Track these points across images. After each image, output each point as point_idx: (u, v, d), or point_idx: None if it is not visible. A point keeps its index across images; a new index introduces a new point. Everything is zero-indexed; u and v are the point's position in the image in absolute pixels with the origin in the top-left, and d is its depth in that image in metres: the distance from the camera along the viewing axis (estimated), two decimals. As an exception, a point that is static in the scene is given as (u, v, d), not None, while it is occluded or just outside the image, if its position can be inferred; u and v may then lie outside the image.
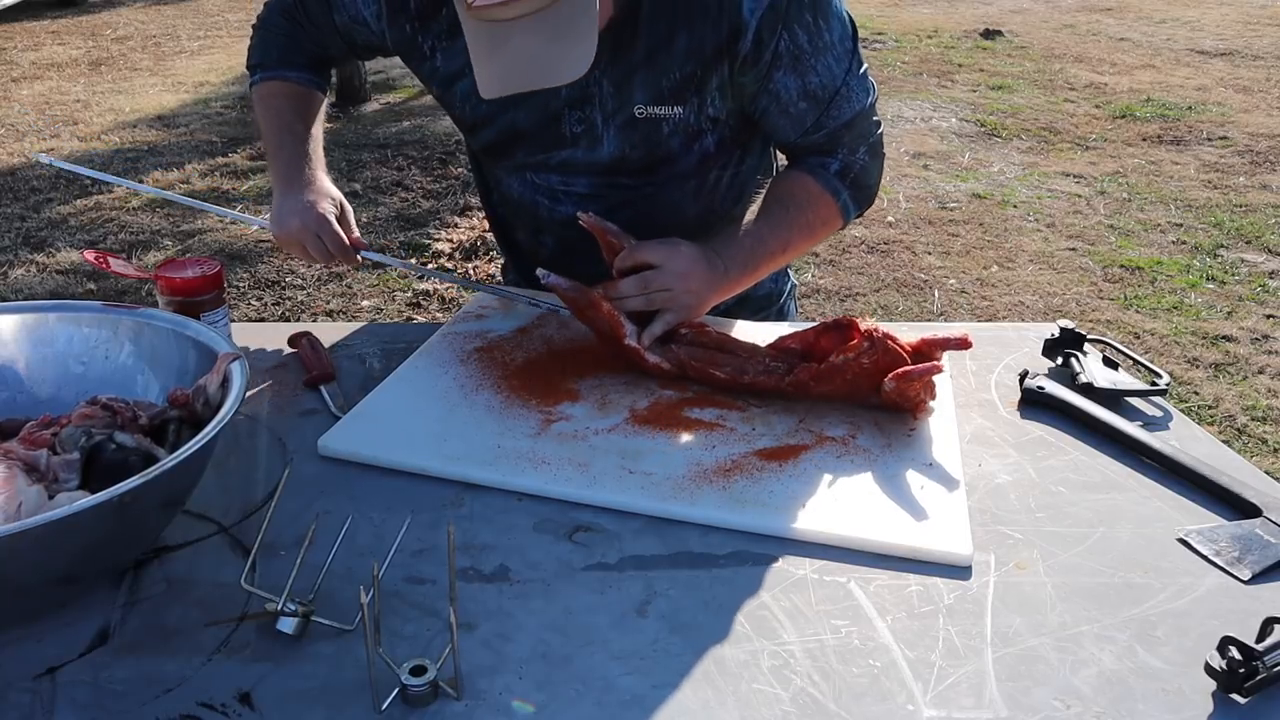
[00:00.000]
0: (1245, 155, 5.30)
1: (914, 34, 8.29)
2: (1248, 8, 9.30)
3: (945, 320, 3.52)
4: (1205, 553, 0.94)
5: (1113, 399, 1.19)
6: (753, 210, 1.32)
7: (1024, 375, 1.21)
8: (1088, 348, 1.27)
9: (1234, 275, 3.91)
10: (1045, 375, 1.21)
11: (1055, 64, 7.28)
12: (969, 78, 6.91)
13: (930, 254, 4.09)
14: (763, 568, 0.91)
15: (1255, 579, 0.91)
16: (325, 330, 1.38)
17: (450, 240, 4.15)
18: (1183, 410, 1.52)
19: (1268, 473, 1.13)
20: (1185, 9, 9.26)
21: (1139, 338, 3.42)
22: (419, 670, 0.77)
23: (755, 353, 1.20)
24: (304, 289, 3.73)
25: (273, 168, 1.37)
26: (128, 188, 3.51)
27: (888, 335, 1.11)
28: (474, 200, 4.46)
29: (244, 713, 0.75)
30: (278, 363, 1.29)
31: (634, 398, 1.17)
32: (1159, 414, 1.19)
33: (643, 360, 1.20)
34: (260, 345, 1.34)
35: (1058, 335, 1.28)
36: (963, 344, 1.12)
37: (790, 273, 1.55)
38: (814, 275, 3.87)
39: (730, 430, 1.11)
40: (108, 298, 3.49)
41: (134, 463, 0.91)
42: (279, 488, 0.92)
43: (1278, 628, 0.80)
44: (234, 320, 1.33)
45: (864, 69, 1.25)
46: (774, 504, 0.98)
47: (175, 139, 5.53)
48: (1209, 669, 0.78)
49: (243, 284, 3.74)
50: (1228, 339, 3.40)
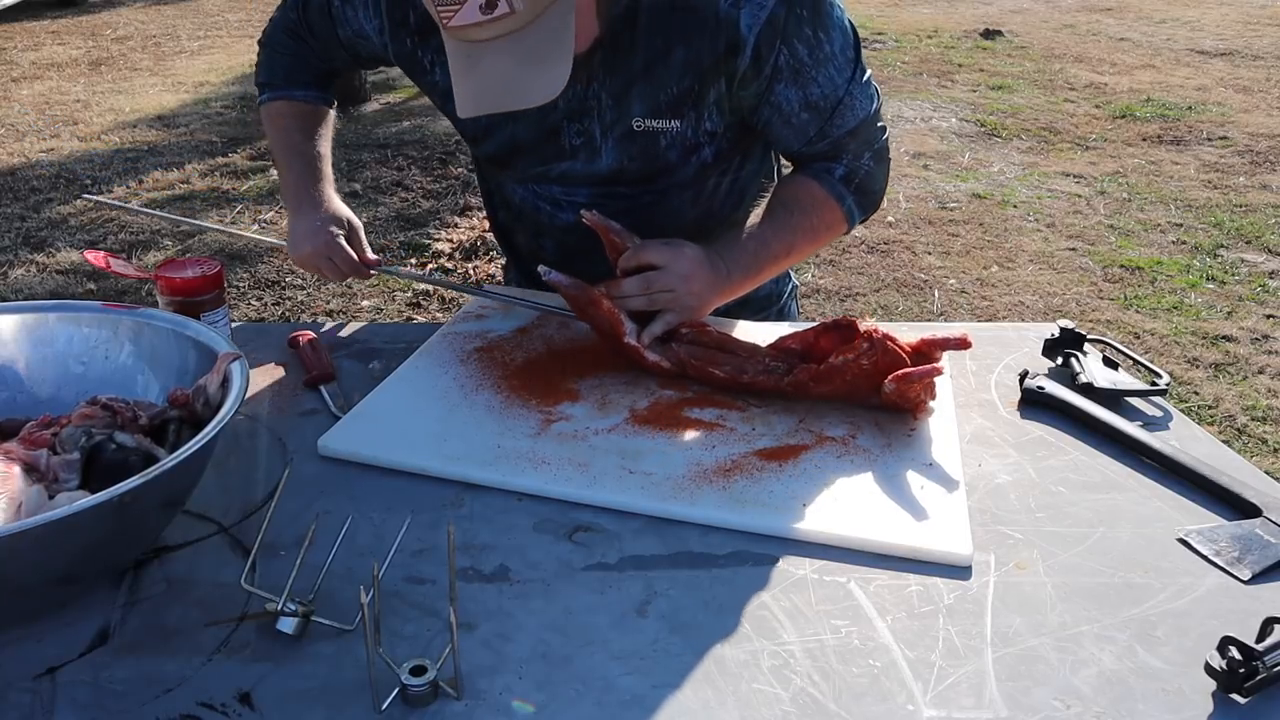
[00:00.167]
0: (1245, 155, 5.30)
1: (914, 34, 8.29)
2: (1248, 8, 9.30)
3: (945, 320, 3.52)
4: (1205, 553, 0.94)
5: (1113, 399, 1.19)
6: (757, 214, 1.32)
7: (1024, 375, 1.21)
8: (1088, 348, 1.27)
9: (1234, 275, 3.91)
10: (1045, 375, 1.21)
11: (1055, 64, 7.28)
12: (969, 78, 6.91)
13: (930, 254, 4.09)
14: (763, 568, 0.91)
15: (1255, 579, 0.91)
16: (325, 330, 1.38)
17: (450, 240, 4.15)
18: (1183, 410, 1.52)
19: (1268, 473, 1.13)
20: (1185, 9, 9.26)
21: (1139, 338, 3.42)
22: (419, 670, 0.77)
23: (755, 352, 1.20)
24: (304, 289, 3.73)
25: (284, 190, 1.41)
26: (186, 225, 3.51)
27: (887, 336, 1.11)
28: (474, 200, 4.46)
29: (244, 713, 0.76)
30: (278, 363, 1.30)
31: (634, 398, 1.17)
32: (1159, 414, 1.19)
33: (642, 358, 1.20)
34: (260, 345, 1.34)
35: (1058, 335, 1.28)
36: (962, 344, 1.12)
37: (791, 273, 1.55)
38: (814, 275, 3.87)
39: (730, 430, 1.11)
40: (108, 298, 3.49)
41: (134, 463, 0.91)
42: (279, 488, 0.92)
43: (1278, 628, 0.80)
44: (234, 320, 1.33)
45: (867, 76, 1.24)
46: (774, 504, 0.98)
47: (175, 139, 5.53)
48: (1209, 669, 0.78)
49: (243, 284, 3.74)
50: (1228, 339, 3.40)
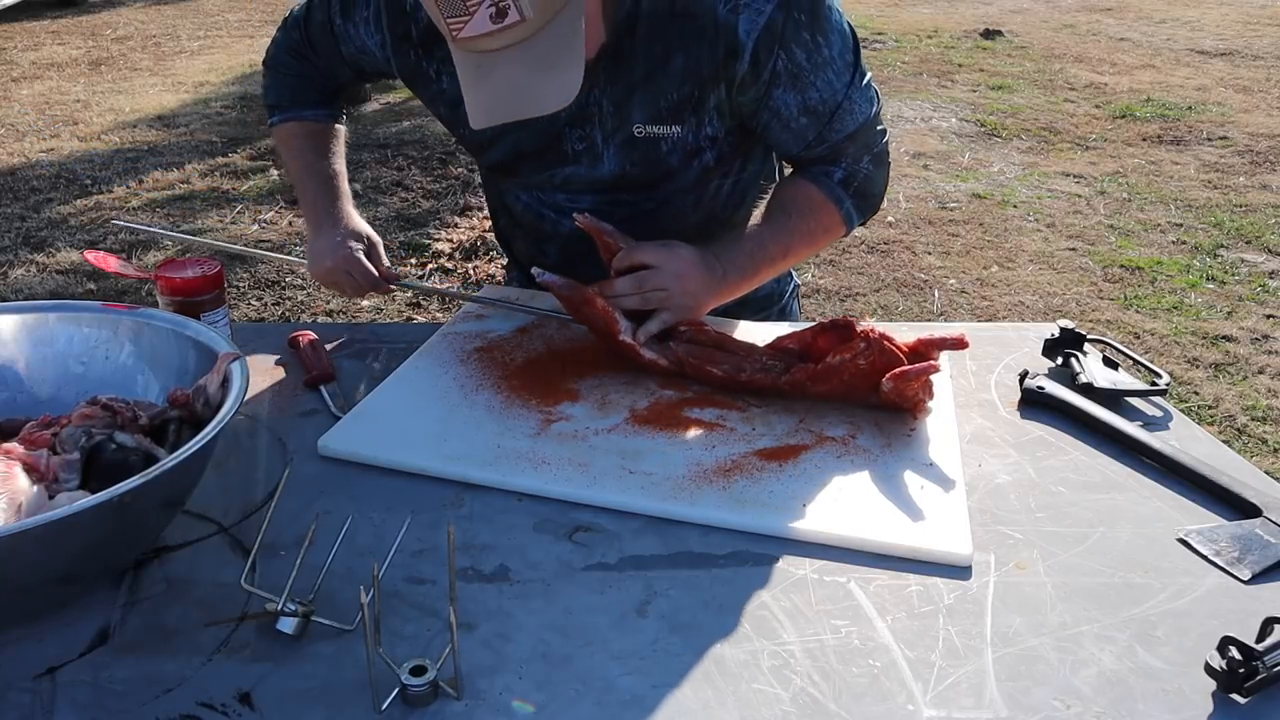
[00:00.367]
0: (1245, 155, 5.30)
1: (914, 34, 8.29)
2: (1248, 8, 9.30)
3: (945, 320, 3.52)
4: (1205, 553, 0.94)
5: (1113, 399, 1.19)
6: (757, 214, 1.32)
7: (1024, 375, 1.21)
8: (1088, 348, 1.27)
9: (1234, 275, 3.90)
10: (1045, 375, 1.21)
11: (1055, 64, 7.28)
12: (969, 78, 6.91)
13: (930, 254, 4.09)
14: (763, 568, 0.91)
15: (1255, 579, 0.91)
16: (325, 330, 1.38)
17: (450, 240, 4.15)
18: (1183, 410, 1.52)
19: (1268, 473, 1.13)
20: (1185, 9, 9.26)
21: (1139, 338, 3.42)
22: (419, 670, 0.77)
23: (753, 352, 1.20)
24: (304, 289, 3.72)
25: (303, 209, 1.43)
26: (213, 247, 3.51)
27: (884, 336, 1.11)
28: (474, 200, 4.46)
29: (244, 713, 0.76)
30: (278, 363, 1.30)
31: (634, 398, 1.17)
32: (1159, 414, 1.19)
33: (638, 356, 1.20)
34: (260, 345, 1.34)
35: (1058, 335, 1.28)
36: (959, 344, 1.12)
37: (793, 272, 1.55)
38: (814, 275, 3.87)
39: (730, 430, 1.11)
40: (108, 298, 3.49)
41: (134, 463, 0.91)
42: (279, 488, 0.92)
43: (1278, 628, 0.80)
44: (234, 320, 1.33)
45: (866, 79, 1.24)
46: (774, 504, 0.98)
47: (175, 139, 5.53)
48: (1209, 669, 0.78)
49: (243, 284, 3.74)
50: (1228, 339, 3.40)
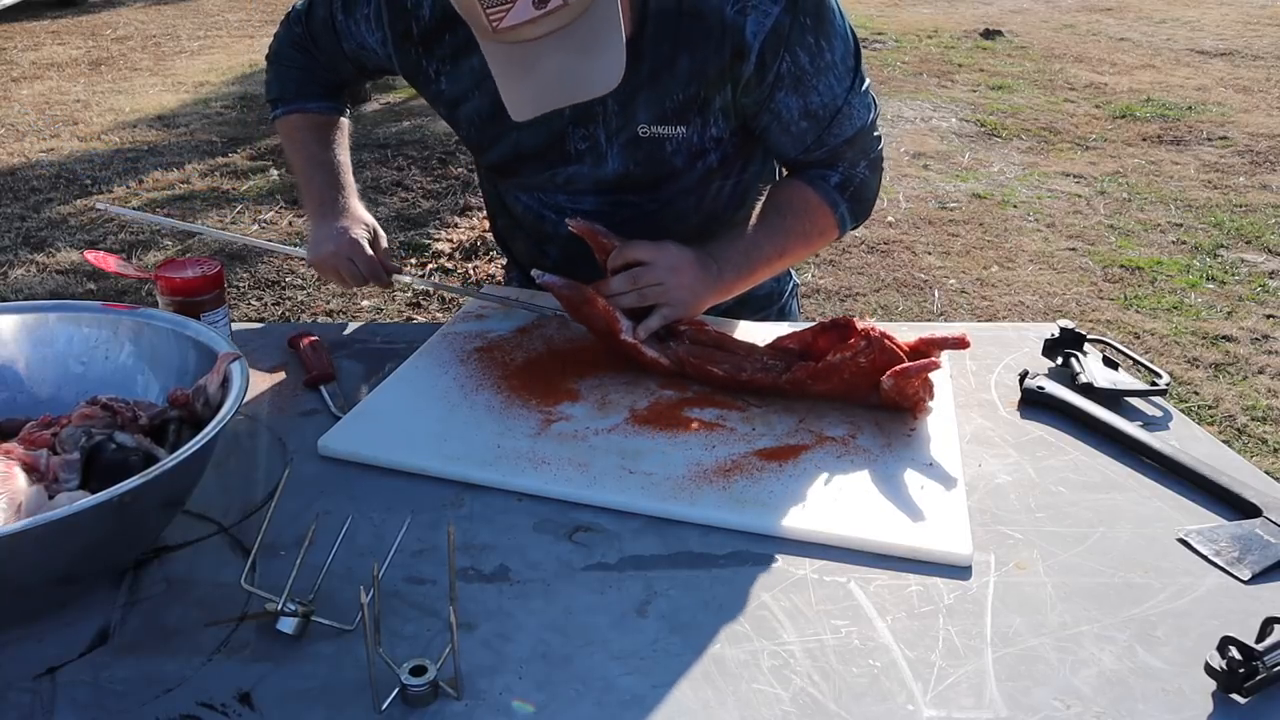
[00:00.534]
0: (1245, 155, 5.30)
1: (914, 34, 8.29)
2: (1248, 8, 9.30)
3: (945, 320, 3.52)
4: (1205, 553, 0.94)
5: (1113, 399, 1.19)
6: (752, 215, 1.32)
7: (1024, 375, 1.21)
8: (1088, 348, 1.27)
9: (1234, 275, 3.90)
10: (1045, 375, 1.21)
11: (1055, 64, 7.28)
12: (969, 78, 6.91)
13: (930, 254, 4.09)
14: (763, 568, 0.91)
15: (1255, 579, 0.91)
16: (325, 330, 1.38)
17: (450, 240, 4.15)
18: (1183, 410, 1.52)
19: (1268, 473, 1.13)
20: (1185, 9, 9.26)
21: (1139, 338, 3.42)
22: (419, 670, 0.77)
23: (753, 351, 1.20)
24: (304, 289, 3.72)
25: (306, 200, 1.42)
26: (209, 236, 3.51)
27: (884, 335, 1.11)
28: (474, 200, 4.46)
29: (244, 713, 0.76)
30: (278, 363, 1.30)
31: (634, 398, 1.17)
32: (1159, 414, 1.19)
33: (639, 355, 1.20)
34: (260, 345, 1.34)
35: (1058, 335, 1.28)
36: (960, 344, 1.12)
37: (793, 272, 1.55)
38: (814, 275, 3.87)
39: (730, 430, 1.11)
40: (108, 298, 3.49)
41: (134, 463, 0.91)
42: (279, 488, 0.92)
43: (1278, 628, 0.80)
44: (234, 320, 1.33)
45: (866, 85, 1.25)
46: (774, 504, 0.98)
47: (175, 139, 5.53)
48: (1209, 669, 0.78)
49: (243, 284, 3.74)
50: (1228, 339, 3.40)
